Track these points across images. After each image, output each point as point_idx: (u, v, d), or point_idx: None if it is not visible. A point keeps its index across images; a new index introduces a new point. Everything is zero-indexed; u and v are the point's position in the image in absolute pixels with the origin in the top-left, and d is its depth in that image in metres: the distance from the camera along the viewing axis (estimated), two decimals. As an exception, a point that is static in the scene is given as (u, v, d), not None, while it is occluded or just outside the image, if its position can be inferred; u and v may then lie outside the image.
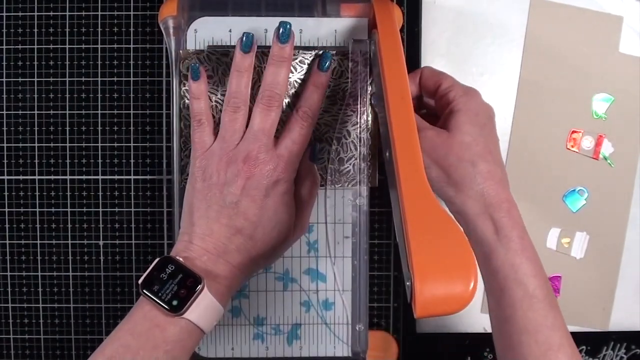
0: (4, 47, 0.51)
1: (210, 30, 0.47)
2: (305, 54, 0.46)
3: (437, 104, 0.45)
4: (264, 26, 0.47)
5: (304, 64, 0.47)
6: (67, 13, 0.51)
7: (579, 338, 0.54)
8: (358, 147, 0.47)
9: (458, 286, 0.33)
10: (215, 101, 0.47)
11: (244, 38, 0.43)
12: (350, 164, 0.47)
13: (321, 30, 0.47)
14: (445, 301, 0.33)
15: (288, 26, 0.43)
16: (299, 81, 0.47)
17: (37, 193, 0.52)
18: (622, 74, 0.53)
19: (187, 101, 0.47)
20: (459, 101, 0.43)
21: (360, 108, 0.47)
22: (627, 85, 0.53)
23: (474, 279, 0.32)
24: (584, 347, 0.53)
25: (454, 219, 0.35)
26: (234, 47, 0.47)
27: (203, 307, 0.39)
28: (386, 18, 0.44)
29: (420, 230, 0.34)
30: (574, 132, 0.53)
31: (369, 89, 0.46)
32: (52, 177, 0.52)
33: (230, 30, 0.47)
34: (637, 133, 0.53)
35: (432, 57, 0.52)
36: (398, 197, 0.36)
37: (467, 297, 0.32)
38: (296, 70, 0.46)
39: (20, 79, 0.51)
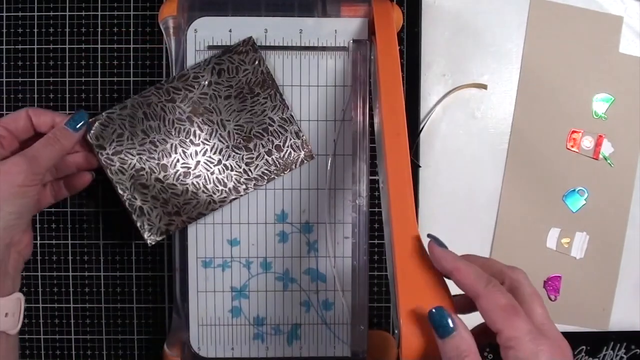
0: (4, 47, 0.51)
1: (210, 30, 0.47)
2: (194, 68, 0.46)
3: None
4: (264, 26, 0.47)
5: (198, 79, 0.46)
6: (67, 13, 0.51)
7: (579, 338, 0.54)
8: (301, 137, 0.47)
9: None
10: (138, 154, 0.46)
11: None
12: (287, 147, 0.47)
13: (321, 30, 0.47)
14: (430, 349, 0.34)
15: None
16: (202, 96, 0.46)
17: (37, 193, 0.52)
18: (622, 74, 0.53)
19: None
20: None
21: (359, 110, 0.47)
22: (627, 85, 0.53)
23: None
24: (583, 347, 0.53)
25: (438, 272, 0.35)
26: (230, 46, 0.47)
27: None
28: (386, 43, 0.44)
29: (408, 284, 0.35)
30: (574, 132, 0.53)
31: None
32: (52, 177, 0.52)
33: (230, 30, 0.47)
34: (637, 133, 0.53)
35: (432, 57, 0.52)
36: (391, 242, 0.37)
37: None
38: (195, 88, 0.46)
39: (20, 79, 0.51)
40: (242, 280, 0.48)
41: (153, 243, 0.47)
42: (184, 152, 0.47)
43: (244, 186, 0.47)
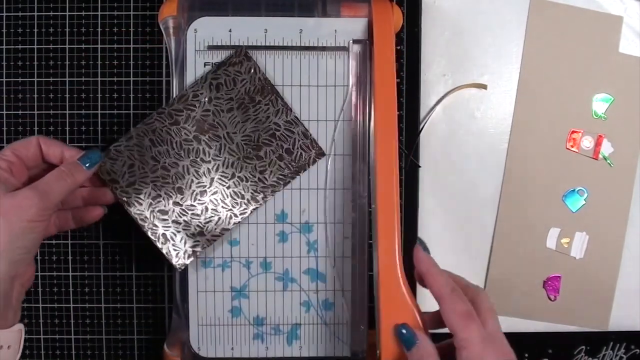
0: (4, 47, 0.51)
1: (210, 30, 0.47)
2: (192, 87, 0.46)
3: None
4: (264, 26, 0.47)
5: (197, 97, 0.46)
6: (67, 13, 0.51)
7: (579, 338, 0.54)
8: (309, 137, 0.47)
9: None
10: (151, 181, 0.46)
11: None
12: (297, 148, 0.47)
13: (321, 30, 0.47)
14: None
15: None
16: (205, 113, 0.46)
17: (37, 193, 0.52)
18: (622, 74, 0.53)
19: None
20: None
21: (359, 110, 0.47)
22: (627, 85, 0.53)
23: None
24: (583, 347, 0.54)
25: (415, 306, 0.42)
26: (233, 46, 0.47)
27: None
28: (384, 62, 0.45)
29: (389, 316, 0.42)
30: (573, 132, 0.53)
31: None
32: (52, 177, 0.52)
33: (230, 30, 0.47)
34: (637, 133, 0.53)
35: (432, 57, 0.52)
36: (377, 272, 0.43)
37: None
38: (196, 107, 0.46)
39: (20, 79, 0.51)
40: (242, 280, 0.48)
41: (182, 268, 0.47)
42: (197, 172, 0.47)
43: (261, 195, 0.47)
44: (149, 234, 0.46)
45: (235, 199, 0.47)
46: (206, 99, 0.46)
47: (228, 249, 0.48)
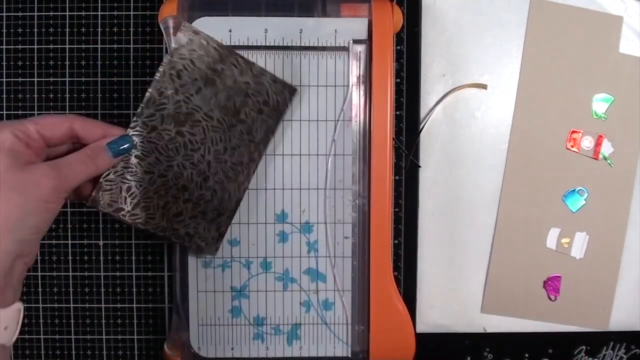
0: (4, 47, 0.51)
1: (210, 30, 0.47)
2: (155, 85, 0.45)
3: None
4: (264, 26, 0.47)
5: (163, 93, 0.45)
6: (67, 13, 0.51)
7: (579, 338, 0.54)
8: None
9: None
10: (155, 193, 0.45)
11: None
12: (272, 95, 0.47)
13: (321, 30, 0.47)
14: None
15: None
16: (176, 105, 0.45)
17: (37, 193, 0.52)
18: (622, 74, 0.53)
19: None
20: None
21: (359, 110, 0.47)
22: (627, 85, 0.53)
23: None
24: (583, 347, 0.53)
25: (402, 307, 0.48)
26: (234, 46, 0.47)
27: None
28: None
29: (380, 315, 0.48)
30: (573, 132, 0.53)
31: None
32: (52, 177, 0.52)
33: (230, 30, 0.47)
34: (637, 133, 0.53)
35: (432, 57, 0.52)
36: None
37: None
38: (167, 103, 0.45)
39: (20, 79, 0.51)
40: (242, 280, 0.48)
41: (215, 253, 0.48)
42: (192, 163, 0.46)
43: (257, 153, 0.47)
44: (173, 239, 0.46)
45: (236, 168, 0.47)
46: (172, 91, 0.45)
47: (228, 249, 0.48)
